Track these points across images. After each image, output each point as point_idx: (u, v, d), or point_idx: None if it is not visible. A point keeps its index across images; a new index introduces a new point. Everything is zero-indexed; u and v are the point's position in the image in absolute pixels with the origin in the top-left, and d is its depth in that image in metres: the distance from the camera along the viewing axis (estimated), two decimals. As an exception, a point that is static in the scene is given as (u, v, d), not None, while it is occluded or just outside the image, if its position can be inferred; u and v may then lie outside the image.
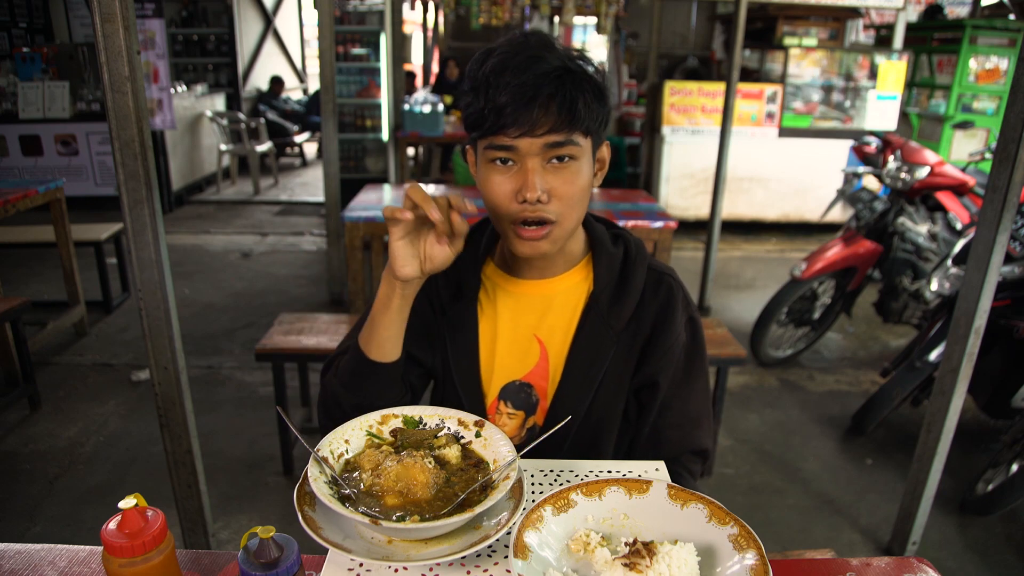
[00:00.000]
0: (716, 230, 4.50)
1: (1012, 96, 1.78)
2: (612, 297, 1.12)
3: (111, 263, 4.48)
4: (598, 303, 1.11)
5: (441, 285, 1.17)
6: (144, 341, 1.79)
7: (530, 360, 1.14)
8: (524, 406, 1.15)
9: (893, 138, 3.89)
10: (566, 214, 1.02)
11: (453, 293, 1.17)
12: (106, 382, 3.43)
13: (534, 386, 1.15)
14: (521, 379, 1.15)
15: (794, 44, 6.49)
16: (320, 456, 0.85)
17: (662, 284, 1.13)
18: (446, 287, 1.17)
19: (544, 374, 1.14)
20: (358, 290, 3.72)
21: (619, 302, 1.11)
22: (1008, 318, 2.62)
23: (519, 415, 1.15)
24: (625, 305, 1.11)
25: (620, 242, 1.17)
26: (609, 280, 1.12)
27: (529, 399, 1.15)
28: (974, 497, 2.58)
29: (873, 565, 0.91)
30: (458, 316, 1.16)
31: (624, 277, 1.13)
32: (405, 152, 6.67)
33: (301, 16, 11.16)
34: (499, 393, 1.15)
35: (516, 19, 6.22)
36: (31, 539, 2.33)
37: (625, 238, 1.17)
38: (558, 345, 1.14)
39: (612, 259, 1.13)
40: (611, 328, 1.11)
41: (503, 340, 1.15)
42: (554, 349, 1.14)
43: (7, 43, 6.91)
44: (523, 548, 0.76)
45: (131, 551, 0.71)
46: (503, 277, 1.17)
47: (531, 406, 1.15)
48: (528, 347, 1.14)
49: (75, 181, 6.21)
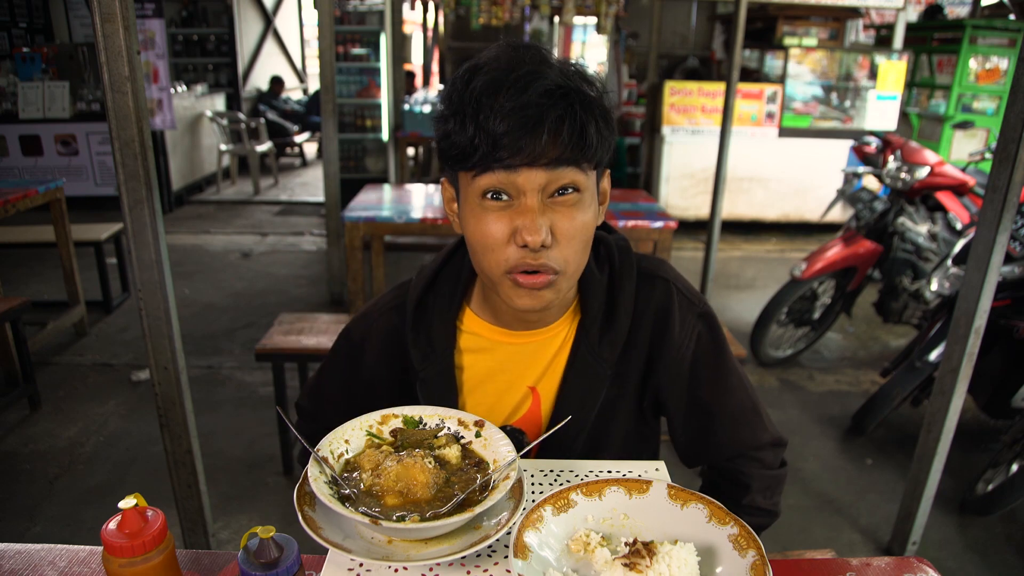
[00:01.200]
0: (716, 230, 4.50)
1: (1012, 96, 1.78)
2: (602, 324, 1.02)
3: (111, 263, 4.48)
4: (587, 336, 1.01)
5: (411, 345, 1.03)
6: (144, 341, 1.79)
7: (521, 408, 1.06)
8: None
9: (893, 138, 3.89)
10: (572, 259, 0.89)
11: (424, 353, 1.03)
12: (106, 382, 3.43)
13: (527, 433, 1.07)
14: (513, 424, 1.07)
15: (794, 44, 6.49)
16: (320, 456, 0.85)
17: (655, 291, 1.04)
18: (416, 346, 1.03)
19: (536, 420, 1.06)
20: (358, 290, 3.72)
21: (610, 329, 1.01)
22: (1008, 318, 2.62)
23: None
24: (617, 330, 1.01)
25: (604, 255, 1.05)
26: (597, 307, 1.02)
27: (520, 445, 1.06)
28: (974, 497, 2.58)
29: (873, 565, 0.91)
30: (433, 378, 1.04)
31: (612, 298, 1.03)
32: (405, 152, 6.67)
33: (301, 16, 11.17)
34: None
35: (516, 19, 6.20)
36: (31, 539, 2.33)
37: (608, 245, 1.05)
38: (549, 389, 1.05)
39: (599, 283, 1.02)
40: (604, 360, 1.01)
41: (490, 392, 1.05)
42: (546, 394, 1.05)
43: (7, 43, 6.91)
44: (523, 548, 0.76)
45: (131, 551, 0.71)
46: (487, 328, 1.04)
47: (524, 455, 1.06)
48: (519, 397, 1.06)
49: (75, 181, 6.21)
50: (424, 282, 1.06)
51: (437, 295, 1.05)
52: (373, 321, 1.09)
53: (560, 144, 0.83)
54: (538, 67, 0.84)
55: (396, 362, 1.07)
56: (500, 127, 0.81)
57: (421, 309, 1.05)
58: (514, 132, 0.81)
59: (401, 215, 3.51)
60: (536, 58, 0.86)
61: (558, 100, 0.82)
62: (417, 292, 1.05)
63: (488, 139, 0.82)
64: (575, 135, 0.83)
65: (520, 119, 0.81)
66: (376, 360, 1.09)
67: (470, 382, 1.06)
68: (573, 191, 0.87)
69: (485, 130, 0.82)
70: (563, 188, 0.86)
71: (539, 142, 0.82)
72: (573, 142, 0.83)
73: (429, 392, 1.04)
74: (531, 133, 0.81)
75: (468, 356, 1.06)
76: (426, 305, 1.05)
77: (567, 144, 0.83)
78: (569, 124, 0.82)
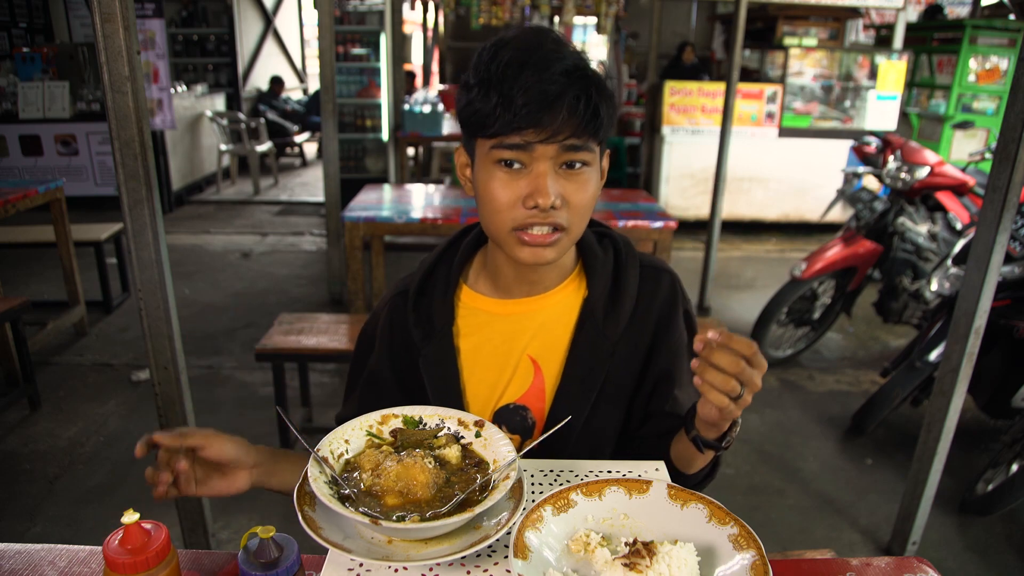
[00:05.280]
0: (716, 230, 4.50)
1: (1012, 96, 1.78)
2: (607, 303, 1.07)
3: (111, 263, 4.48)
4: (593, 312, 1.06)
5: (413, 325, 1.09)
6: (144, 341, 1.79)
7: (524, 382, 1.09)
8: (520, 430, 1.09)
9: (893, 138, 3.89)
10: (576, 223, 0.97)
11: (425, 331, 1.09)
12: (106, 382, 3.43)
13: (530, 408, 1.09)
14: (516, 401, 1.09)
15: (794, 44, 6.49)
16: (320, 456, 0.85)
17: (661, 280, 1.10)
18: (418, 326, 1.09)
19: (540, 395, 1.08)
20: (358, 290, 3.72)
21: (615, 307, 1.07)
22: (1008, 318, 2.62)
23: (515, 439, 1.09)
24: (621, 310, 1.07)
25: (607, 242, 1.12)
26: (603, 286, 1.07)
27: (524, 422, 1.09)
28: (974, 497, 2.58)
29: (873, 565, 0.91)
30: (434, 354, 1.08)
31: (617, 280, 1.08)
32: (405, 152, 6.67)
33: (301, 16, 11.16)
34: (493, 418, 1.10)
35: (516, 19, 6.22)
36: (31, 539, 2.33)
37: (612, 237, 1.13)
38: (552, 362, 1.08)
39: (604, 263, 1.09)
40: (607, 337, 1.06)
41: (492, 366, 1.09)
42: (549, 367, 1.08)
43: (7, 43, 6.91)
44: (523, 548, 0.76)
45: (134, 567, 0.70)
46: (485, 301, 1.10)
47: (527, 429, 1.09)
48: (521, 369, 1.08)
49: (75, 181, 6.20)
50: (424, 269, 1.13)
51: (436, 279, 1.12)
52: (380, 311, 1.16)
53: (575, 121, 0.89)
54: (559, 49, 0.91)
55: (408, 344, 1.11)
56: (521, 99, 0.87)
57: (420, 293, 1.12)
58: (534, 105, 0.88)
59: (401, 215, 3.51)
60: (557, 41, 0.93)
61: (576, 80, 0.89)
62: (418, 278, 1.12)
63: (510, 109, 0.88)
64: (589, 113, 0.90)
65: (540, 94, 0.87)
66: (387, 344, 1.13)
67: (470, 355, 1.10)
68: (582, 165, 0.95)
69: (508, 100, 0.88)
70: (573, 162, 0.94)
71: (557, 117, 0.88)
72: (587, 120, 0.90)
73: (431, 368, 1.08)
74: (550, 108, 0.88)
75: (466, 329, 1.10)
76: (425, 290, 1.12)
77: (581, 121, 0.90)
78: (584, 103, 0.89)
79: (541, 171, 0.92)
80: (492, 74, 0.89)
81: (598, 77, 0.92)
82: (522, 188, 0.93)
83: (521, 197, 0.93)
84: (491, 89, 0.89)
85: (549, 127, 0.89)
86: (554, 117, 0.88)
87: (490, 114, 0.90)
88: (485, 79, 0.90)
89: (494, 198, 0.94)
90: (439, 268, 1.12)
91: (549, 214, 0.93)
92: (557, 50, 0.91)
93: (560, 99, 0.88)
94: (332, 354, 2.63)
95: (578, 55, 0.93)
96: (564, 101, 0.88)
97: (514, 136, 0.90)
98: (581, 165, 0.94)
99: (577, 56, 0.92)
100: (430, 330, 1.09)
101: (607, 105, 0.92)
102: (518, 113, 0.88)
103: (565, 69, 0.89)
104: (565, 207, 0.94)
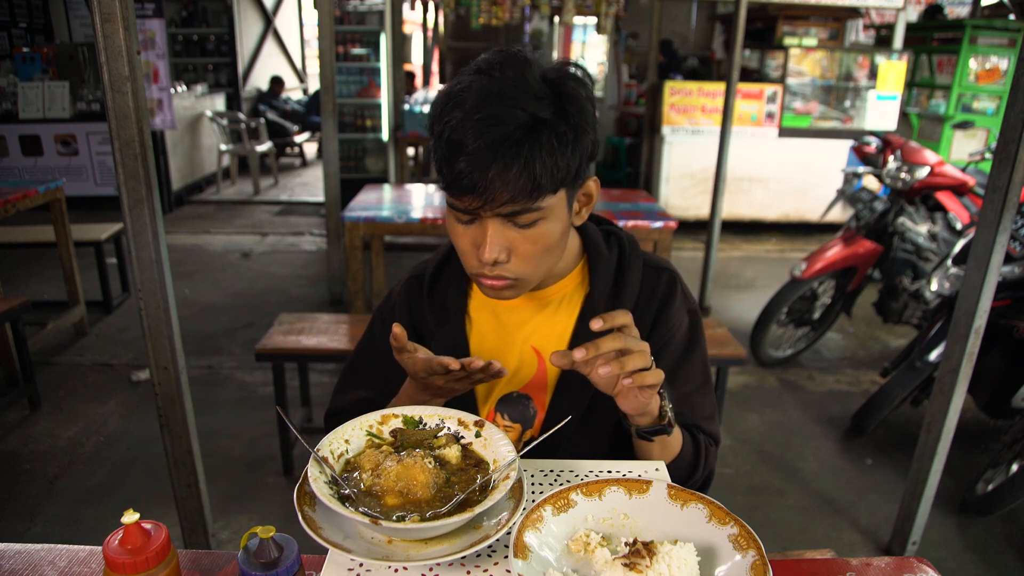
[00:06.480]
0: (716, 230, 4.50)
1: (1012, 96, 1.78)
2: (609, 300, 1.10)
3: (111, 263, 4.48)
4: (595, 309, 1.09)
5: (427, 309, 1.15)
6: (144, 341, 1.79)
7: (528, 371, 1.12)
8: (521, 419, 1.13)
9: (893, 138, 3.89)
10: (529, 271, 0.97)
11: (439, 317, 1.14)
12: (106, 382, 3.43)
13: (532, 398, 1.13)
14: (519, 390, 1.13)
15: (794, 44, 6.48)
16: (320, 456, 0.85)
17: (661, 279, 1.12)
18: (432, 310, 1.15)
19: (542, 385, 1.12)
20: (358, 290, 3.72)
21: (616, 304, 1.09)
22: (1008, 318, 2.62)
23: (516, 428, 1.13)
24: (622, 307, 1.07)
25: (613, 241, 1.15)
26: (605, 283, 1.11)
27: (527, 412, 1.13)
28: (974, 497, 2.58)
29: (873, 565, 0.91)
30: (446, 338, 1.12)
31: (620, 278, 1.11)
32: (405, 152, 6.68)
33: (301, 16, 11.16)
34: (496, 405, 1.13)
35: (516, 19, 6.20)
36: (31, 539, 2.33)
37: (618, 236, 1.15)
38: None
39: (607, 262, 1.12)
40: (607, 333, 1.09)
41: (499, 354, 1.12)
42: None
43: (7, 43, 6.91)
44: (523, 548, 0.76)
45: (134, 567, 0.70)
46: None
47: (528, 419, 1.13)
48: (525, 358, 1.12)
49: (75, 181, 6.20)
50: (440, 256, 1.17)
51: (451, 266, 1.15)
52: (395, 292, 1.21)
53: (509, 186, 0.87)
54: (505, 103, 0.86)
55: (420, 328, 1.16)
56: (460, 165, 0.87)
57: (436, 279, 1.16)
58: (470, 175, 0.87)
59: (401, 215, 3.51)
60: (512, 84, 0.88)
61: (512, 145, 0.85)
62: (434, 264, 1.17)
63: (451, 173, 0.88)
64: (524, 178, 0.87)
65: (475, 162, 0.86)
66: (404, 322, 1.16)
67: (479, 342, 1.14)
68: (533, 220, 0.93)
69: (450, 164, 0.88)
70: (520, 212, 0.91)
71: (493, 185, 0.87)
72: (520, 186, 0.87)
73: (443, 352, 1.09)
74: (483, 176, 0.86)
75: (477, 316, 1.15)
76: (440, 276, 1.16)
77: (516, 185, 0.87)
78: (516, 169, 0.86)
79: (485, 227, 0.93)
80: (441, 131, 0.89)
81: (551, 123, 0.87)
82: (474, 238, 0.95)
83: (474, 247, 0.95)
84: (439, 146, 0.89)
85: (484, 195, 0.88)
86: (488, 185, 0.87)
87: (439, 170, 0.91)
88: (437, 133, 0.90)
89: (456, 243, 0.99)
90: (454, 256, 1.14)
91: (496, 267, 0.95)
92: (503, 107, 0.86)
93: (490, 166, 0.85)
94: (332, 354, 2.63)
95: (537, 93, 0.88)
96: (493, 168, 0.86)
97: (457, 199, 0.91)
98: (531, 222, 0.92)
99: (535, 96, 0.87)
100: (444, 316, 1.14)
101: (555, 157, 0.88)
102: (457, 179, 0.88)
103: (504, 134, 0.85)
104: (514, 259, 0.95)
